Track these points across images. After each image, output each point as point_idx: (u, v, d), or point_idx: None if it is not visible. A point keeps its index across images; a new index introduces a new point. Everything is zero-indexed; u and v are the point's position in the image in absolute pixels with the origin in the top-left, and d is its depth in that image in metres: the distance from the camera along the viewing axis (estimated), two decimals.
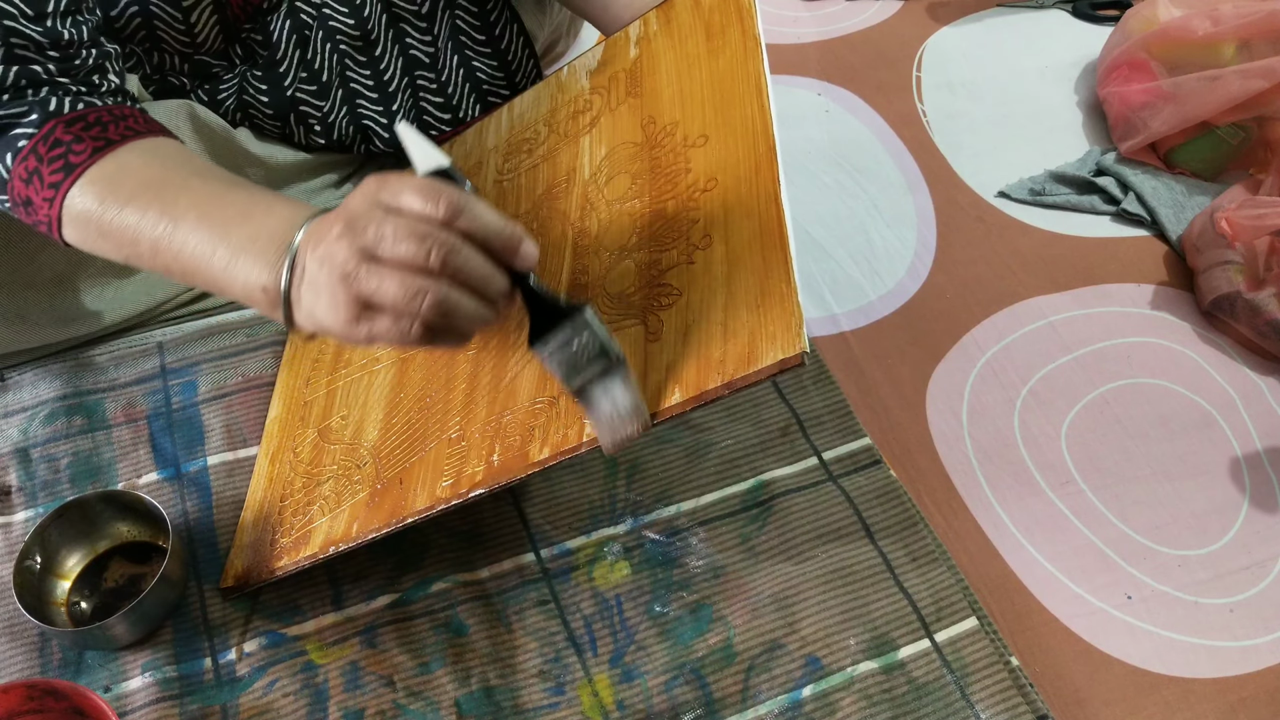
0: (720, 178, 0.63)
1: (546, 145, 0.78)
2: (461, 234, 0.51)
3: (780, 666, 0.71)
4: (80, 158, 0.60)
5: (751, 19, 0.67)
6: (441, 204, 0.50)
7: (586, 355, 0.55)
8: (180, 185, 0.60)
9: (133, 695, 0.69)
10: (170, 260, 0.59)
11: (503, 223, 0.52)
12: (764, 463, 0.81)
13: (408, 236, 0.49)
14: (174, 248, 0.58)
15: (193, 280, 0.60)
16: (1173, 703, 0.74)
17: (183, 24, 0.81)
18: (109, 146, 0.61)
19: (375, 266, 0.50)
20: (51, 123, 0.61)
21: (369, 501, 0.68)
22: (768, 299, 0.55)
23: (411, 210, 0.51)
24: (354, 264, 0.50)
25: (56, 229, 0.62)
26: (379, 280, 0.50)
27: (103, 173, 0.60)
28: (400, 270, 0.50)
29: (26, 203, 0.62)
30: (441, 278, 0.50)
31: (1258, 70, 1.04)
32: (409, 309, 0.50)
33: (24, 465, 0.80)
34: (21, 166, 0.61)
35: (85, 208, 0.60)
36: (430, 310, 0.50)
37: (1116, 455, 0.89)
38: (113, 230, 0.60)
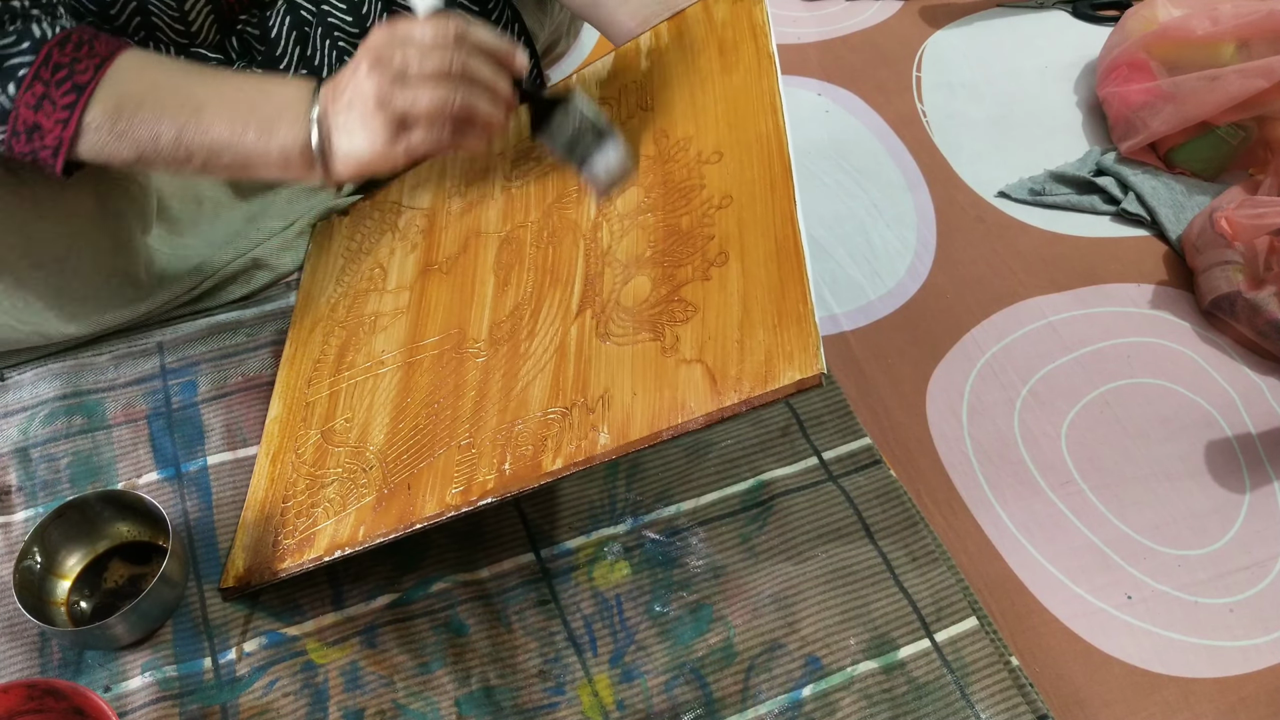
0: (735, 195, 0.63)
1: None
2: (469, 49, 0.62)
3: (780, 666, 0.71)
4: (85, 75, 0.64)
5: (765, 36, 0.67)
6: (450, 28, 0.62)
7: (579, 130, 0.68)
8: (185, 81, 0.66)
9: (133, 695, 0.69)
10: (194, 146, 0.65)
11: (499, 38, 0.65)
12: (764, 462, 0.82)
13: (430, 55, 0.61)
14: (199, 133, 0.65)
15: (216, 160, 0.66)
16: (1173, 703, 0.75)
17: (177, 12, 0.81)
18: (106, 60, 0.65)
19: (406, 86, 0.61)
20: (47, 47, 0.64)
21: (376, 505, 0.68)
22: (785, 318, 0.56)
23: (425, 38, 0.62)
24: (388, 88, 0.61)
25: (65, 149, 0.65)
26: (414, 95, 0.61)
27: (111, 83, 0.64)
28: (429, 83, 0.61)
29: (33, 129, 0.64)
30: (463, 83, 0.62)
31: (1257, 70, 1.04)
32: (442, 112, 0.61)
33: (24, 465, 0.80)
34: (28, 94, 0.63)
35: (101, 118, 0.64)
36: (460, 109, 0.62)
37: (1116, 455, 0.89)
38: (131, 131, 0.64)
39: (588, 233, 0.71)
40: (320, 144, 0.65)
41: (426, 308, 0.78)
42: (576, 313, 0.67)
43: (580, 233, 0.71)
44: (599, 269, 0.68)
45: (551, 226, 0.74)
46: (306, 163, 0.66)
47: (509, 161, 0.82)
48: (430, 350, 0.75)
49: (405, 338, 0.77)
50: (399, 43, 0.62)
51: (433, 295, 0.79)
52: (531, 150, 0.81)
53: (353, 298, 0.85)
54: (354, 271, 0.88)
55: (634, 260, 0.66)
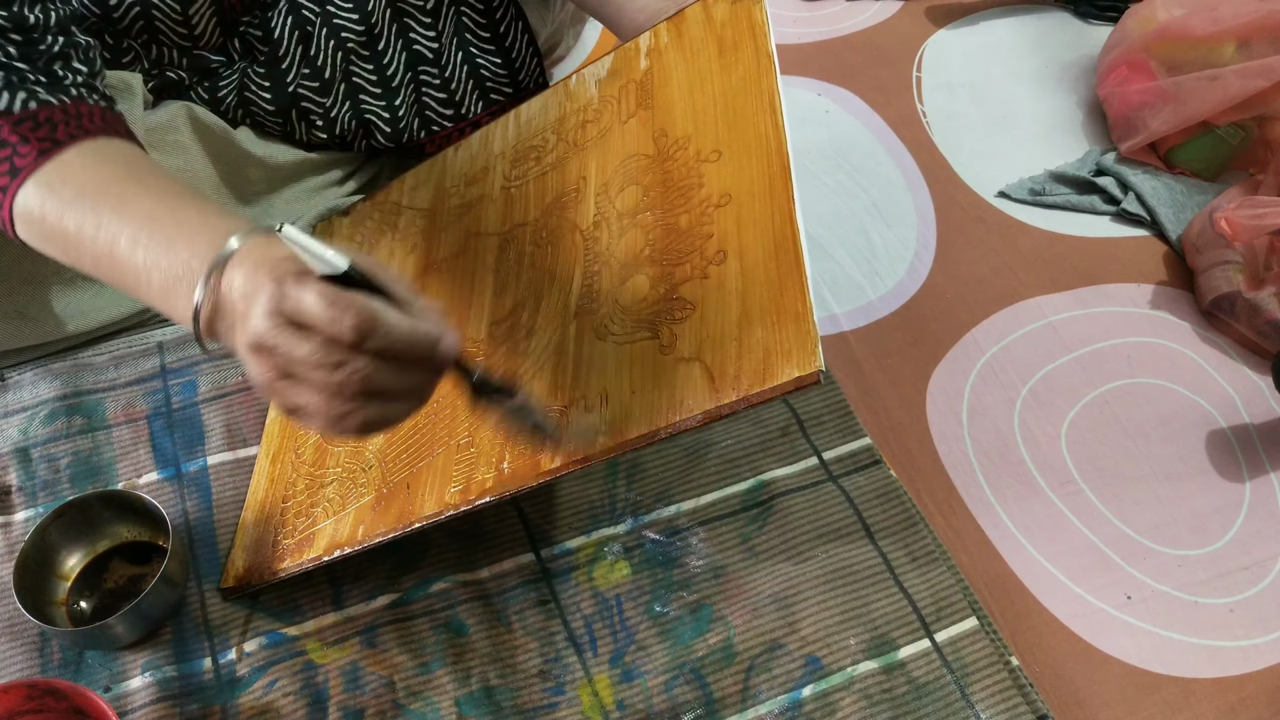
0: (734, 193, 0.63)
1: (555, 153, 0.78)
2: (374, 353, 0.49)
3: (780, 666, 0.71)
4: (25, 160, 0.59)
5: (764, 36, 0.67)
6: (347, 326, 0.47)
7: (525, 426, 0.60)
8: (116, 196, 0.58)
9: (133, 695, 0.69)
10: (113, 277, 0.58)
11: (413, 330, 0.49)
12: (764, 462, 0.81)
13: (319, 365, 0.48)
14: (114, 266, 0.57)
15: (136, 299, 0.59)
16: (1173, 703, 0.75)
17: (180, 15, 0.81)
18: (55, 148, 0.60)
19: (296, 383, 0.50)
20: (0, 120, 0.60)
21: (375, 505, 0.68)
22: (783, 316, 0.56)
23: (318, 326, 0.48)
24: (273, 379, 0.50)
25: (10, 229, 0.62)
26: (303, 397, 0.50)
27: (44, 176, 0.59)
28: (318, 393, 0.49)
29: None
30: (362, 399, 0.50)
31: (1257, 69, 1.04)
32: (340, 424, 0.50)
33: (24, 465, 0.80)
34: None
35: (29, 210, 0.59)
36: (359, 427, 0.51)
37: (1116, 455, 0.89)
38: (55, 235, 0.59)
39: (587, 232, 0.71)
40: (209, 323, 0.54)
41: None
42: (575, 312, 0.67)
43: (579, 232, 0.72)
44: (597, 268, 0.68)
45: (550, 226, 0.74)
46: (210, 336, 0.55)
47: (508, 161, 0.82)
48: None
49: None
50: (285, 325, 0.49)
51: (432, 295, 0.79)
52: (530, 150, 0.81)
53: None
54: None
55: (633, 259, 0.66)
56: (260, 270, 0.51)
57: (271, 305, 0.49)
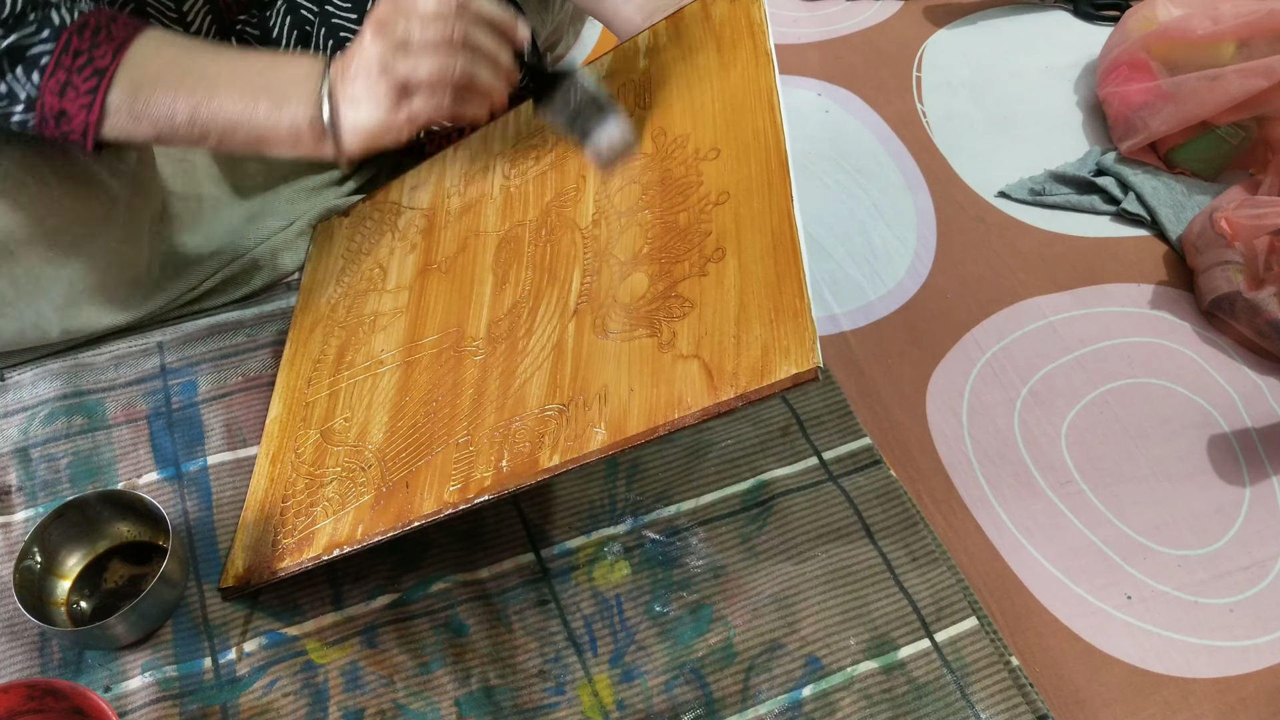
0: (732, 191, 0.63)
1: (555, 152, 0.78)
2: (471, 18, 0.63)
3: (780, 666, 0.71)
4: (105, 60, 0.66)
5: (763, 34, 0.67)
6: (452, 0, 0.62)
7: (581, 103, 0.69)
8: (200, 58, 0.68)
9: (133, 695, 0.69)
10: (209, 123, 0.67)
11: (501, 9, 0.65)
12: (764, 462, 0.82)
13: (432, 24, 0.62)
14: (212, 110, 0.66)
15: (231, 137, 0.68)
16: (1173, 703, 0.75)
17: (175, 12, 0.81)
18: (124, 44, 0.66)
19: (408, 53, 0.62)
20: (66, 34, 0.65)
21: (374, 504, 0.68)
22: (781, 313, 0.56)
23: (428, 7, 0.62)
24: (390, 55, 0.62)
25: (93, 130, 0.67)
26: (415, 62, 0.62)
27: (129, 66, 0.66)
28: (430, 50, 0.62)
29: (60, 115, 0.66)
30: (464, 51, 0.63)
31: (1257, 69, 1.04)
32: (442, 80, 0.62)
33: (24, 465, 0.80)
34: (52, 81, 0.65)
35: (120, 99, 0.66)
36: (460, 78, 0.63)
37: (1116, 455, 0.89)
38: (148, 112, 0.66)
39: (586, 230, 0.71)
40: (330, 117, 0.66)
41: (425, 307, 0.78)
42: (574, 310, 0.67)
43: (578, 230, 0.72)
44: (597, 266, 0.68)
45: (550, 225, 0.74)
46: (316, 137, 0.67)
47: (507, 161, 0.82)
48: (429, 349, 0.75)
49: (404, 337, 0.78)
50: (402, 12, 0.63)
51: (431, 294, 0.79)
52: (530, 150, 0.81)
53: (352, 298, 0.85)
54: (354, 272, 0.88)
55: (631, 257, 0.66)
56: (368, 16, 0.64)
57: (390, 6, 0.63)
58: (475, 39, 0.63)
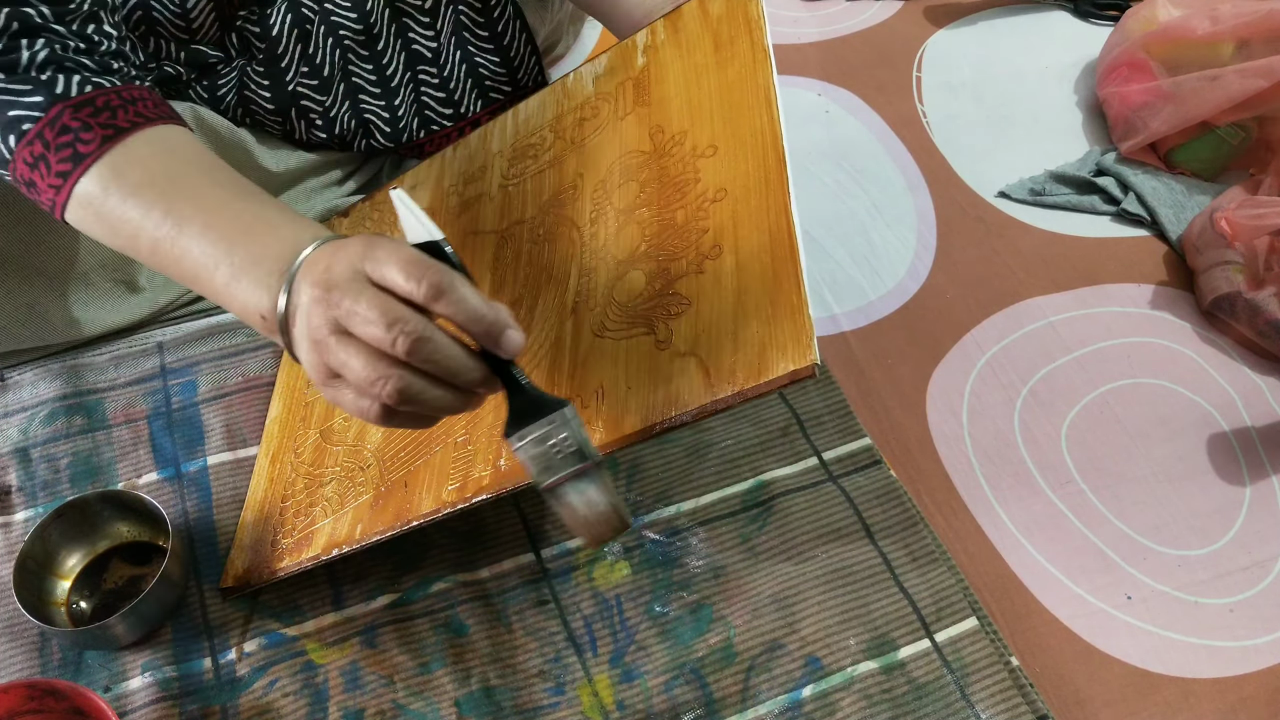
0: (730, 188, 0.63)
1: (553, 151, 0.78)
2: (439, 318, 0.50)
3: (780, 666, 0.71)
4: (89, 147, 0.59)
5: (760, 30, 0.67)
6: (424, 284, 0.48)
7: (561, 454, 0.52)
8: (186, 186, 0.59)
9: (133, 695, 0.69)
10: (169, 264, 0.59)
11: (486, 308, 0.50)
12: (764, 463, 0.81)
13: (377, 320, 0.48)
14: (175, 252, 0.58)
15: (190, 285, 0.60)
16: (1173, 703, 0.74)
17: (178, 7, 0.81)
18: (119, 135, 0.60)
19: (345, 341, 0.50)
20: (58, 107, 0.60)
21: (373, 504, 0.68)
22: (778, 310, 0.56)
23: (393, 285, 0.49)
24: (324, 333, 0.50)
25: (60, 211, 0.62)
26: (346, 356, 0.50)
27: (110, 162, 0.60)
28: (366, 351, 0.49)
29: (30, 184, 0.62)
30: (405, 366, 0.49)
31: (1257, 69, 1.04)
32: (369, 391, 0.50)
33: (24, 465, 0.80)
34: (27, 150, 0.60)
35: (89, 194, 0.60)
36: (390, 397, 0.49)
37: (1116, 455, 0.89)
38: (113, 221, 0.60)
39: (584, 229, 0.71)
40: (285, 317, 0.54)
41: None
42: (572, 308, 0.67)
43: (576, 229, 0.72)
44: (594, 264, 0.68)
45: (548, 224, 0.74)
46: (268, 328, 0.56)
47: (506, 160, 0.82)
48: None
49: None
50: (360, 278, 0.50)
51: None
52: (528, 149, 0.81)
53: None
54: None
55: (629, 255, 0.66)
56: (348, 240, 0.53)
57: (356, 260, 0.50)
58: (428, 352, 0.49)
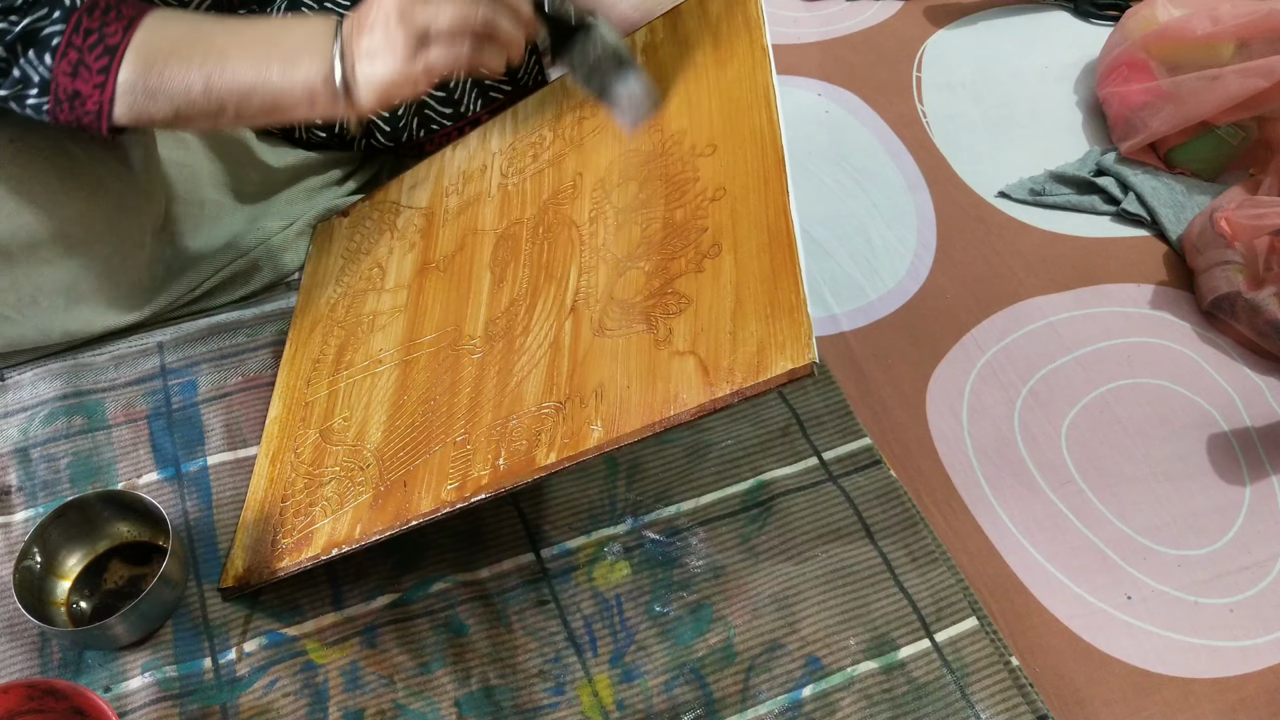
0: (729, 187, 0.63)
1: (552, 150, 0.78)
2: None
3: (780, 666, 0.71)
4: (116, 38, 0.65)
5: (759, 29, 0.67)
6: None
7: (600, 58, 0.68)
8: (210, 32, 0.67)
9: (133, 695, 0.69)
10: (225, 92, 0.66)
11: None
12: (764, 463, 0.81)
13: None
14: (226, 79, 0.66)
15: (248, 104, 0.67)
16: (1173, 703, 0.75)
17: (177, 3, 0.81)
18: (133, 22, 0.66)
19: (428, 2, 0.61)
20: (76, 14, 0.65)
21: (372, 503, 0.68)
22: (777, 309, 0.56)
23: None
24: (409, 4, 0.61)
25: (108, 110, 0.66)
26: (435, 10, 0.62)
27: (140, 42, 0.65)
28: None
29: (74, 96, 0.66)
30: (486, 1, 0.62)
31: (1257, 69, 1.04)
32: (463, 28, 0.62)
33: (24, 465, 0.80)
34: (64, 62, 0.65)
35: (133, 76, 0.65)
36: (481, 26, 0.62)
37: (1116, 455, 0.89)
38: (163, 87, 0.66)
39: (583, 227, 0.71)
40: (344, 75, 0.65)
41: (423, 306, 0.78)
42: (571, 307, 0.67)
43: (575, 228, 0.72)
44: (594, 263, 0.68)
45: (547, 222, 0.74)
46: (331, 95, 0.66)
47: (505, 159, 0.82)
48: (427, 348, 0.75)
49: (402, 336, 0.78)
50: None
51: (430, 293, 0.79)
52: (528, 148, 0.81)
53: (352, 297, 0.85)
54: (353, 271, 0.88)
55: (628, 254, 0.66)
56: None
57: None
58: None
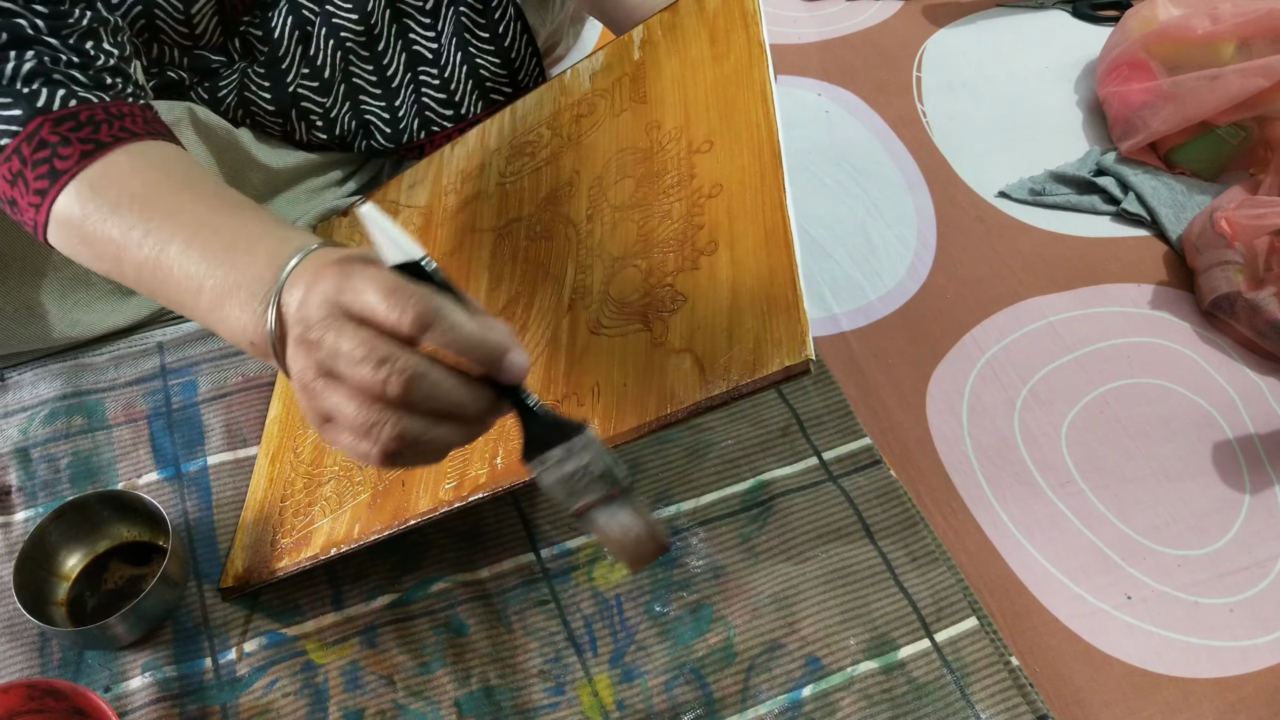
0: (725, 184, 0.63)
1: (550, 148, 0.78)
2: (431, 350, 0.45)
3: (780, 666, 0.71)
4: (67, 163, 0.56)
5: (756, 25, 0.67)
6: (408, 316, 0.43)
7: (587, 479, 0.49)
8: (166, 201, 0.56)
9: (133, 695, 0.69)
10: (156, 288, 0.56)
11: (480, 334, 0.45)
12: (764, 463, 0.81)
13: (364, 359, 0.44)
14: (159, 275, 0.54)
15: (179, 312, 0.56)
16: (1173, 703, 0.74)
17: (182, 14, 0.81)
18: (99, 150, 0.57)
19: (333, 384, 0.46)
20: (38, 120, 0.57)
21: (371, 503, 0.68)
22: (774, 306, 0.55)
23: (375, 318, 0.44)
24: (310, 377, 0.46)
25: (42, 232, 0.59)
26: (336, 399, 0.45)
27: (88, 179, 0.56)
28: (358, 395, 0.45)
29: (12, 203, 0.59)
30: (402, 407, 0.44)
31: (1257, 69, 1.04)
32: (368, 436, 0.45)
33: (24, 465, 0.80)
34: (5, 167, 0.58)
35: (69, 213, 0.57)
36: (390, 443, 0.45)
37: (1116, 455, 0.89)
38: (96, 242, 0.56)
39: (580, 226, 0.71)
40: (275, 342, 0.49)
41: None
42: (568, 305, 0.67)
43: (573, 226, 0.72)
44: (590, 261, 0.68)
45: (544, 221, 0.74)
46: (260, 354, 0.51)
47: (503, 157, 0.82)
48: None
49: None
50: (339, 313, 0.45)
51: None
52: (525, 147, 0.81)
53: None
54: None
55: (625, 251, 0.66)
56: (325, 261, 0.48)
57: (331, 293, 0.45)
58: (425, 390, 0.44)
